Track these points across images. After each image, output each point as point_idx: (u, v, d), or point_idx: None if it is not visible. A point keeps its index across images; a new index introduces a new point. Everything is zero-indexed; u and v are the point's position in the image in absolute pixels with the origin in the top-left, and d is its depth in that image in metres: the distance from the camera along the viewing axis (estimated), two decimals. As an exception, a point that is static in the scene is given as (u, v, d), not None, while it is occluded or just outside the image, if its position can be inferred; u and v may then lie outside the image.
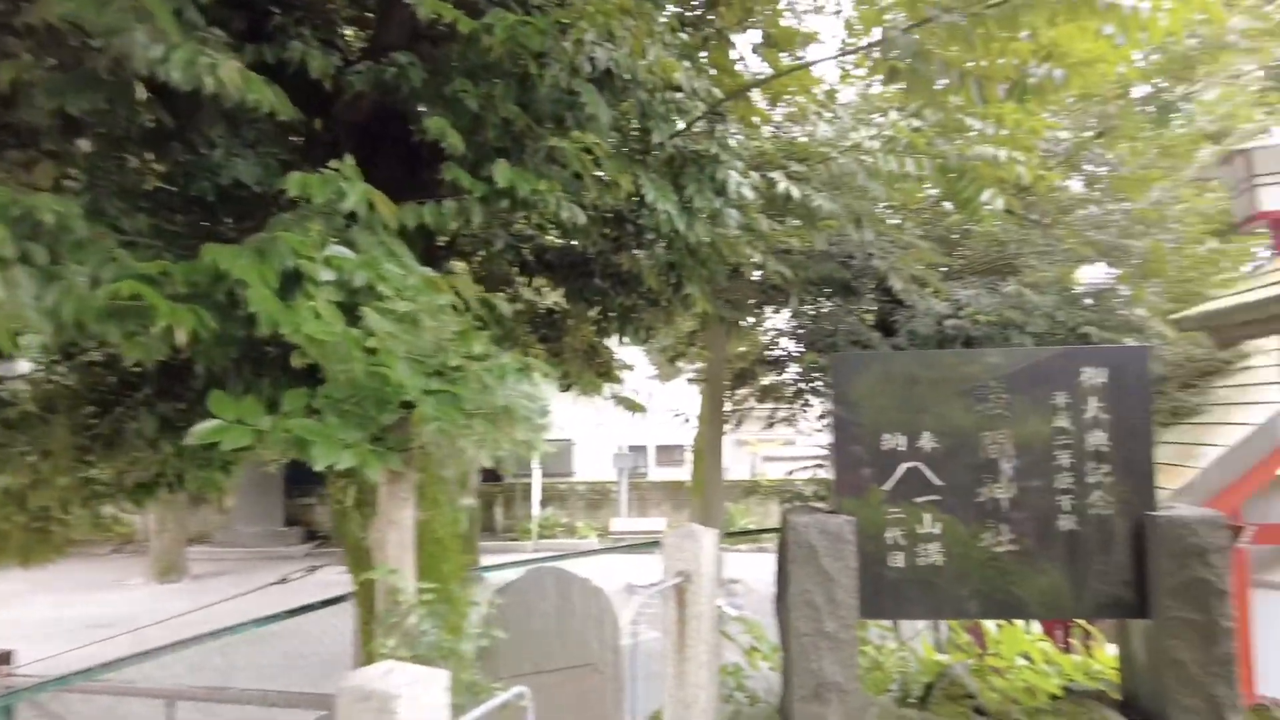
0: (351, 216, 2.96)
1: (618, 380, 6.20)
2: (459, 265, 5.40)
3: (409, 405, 2.46)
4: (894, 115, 4.59)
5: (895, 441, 3.66)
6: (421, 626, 2.68)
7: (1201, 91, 7.23)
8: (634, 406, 4.78)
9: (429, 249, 3.82)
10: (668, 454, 28.77)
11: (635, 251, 4.53)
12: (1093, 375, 3.63)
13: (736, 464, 30.99)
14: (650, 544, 7.77)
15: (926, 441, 3.65)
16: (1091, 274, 7.06)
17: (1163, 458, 5.61)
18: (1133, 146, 6.04)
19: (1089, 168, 6.24)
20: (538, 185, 3.18)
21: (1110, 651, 4.13)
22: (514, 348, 5.24)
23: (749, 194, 3.91)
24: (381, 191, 2.86)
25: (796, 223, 4.81)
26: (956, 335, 6.41)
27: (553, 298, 5.39)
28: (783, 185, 3.97)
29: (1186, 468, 5.85)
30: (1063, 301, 6.51)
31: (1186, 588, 3.38)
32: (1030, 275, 6.59)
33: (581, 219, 3.33)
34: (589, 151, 3.27)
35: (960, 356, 3.67)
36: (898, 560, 3.60)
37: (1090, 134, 6.19)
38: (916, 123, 4.46)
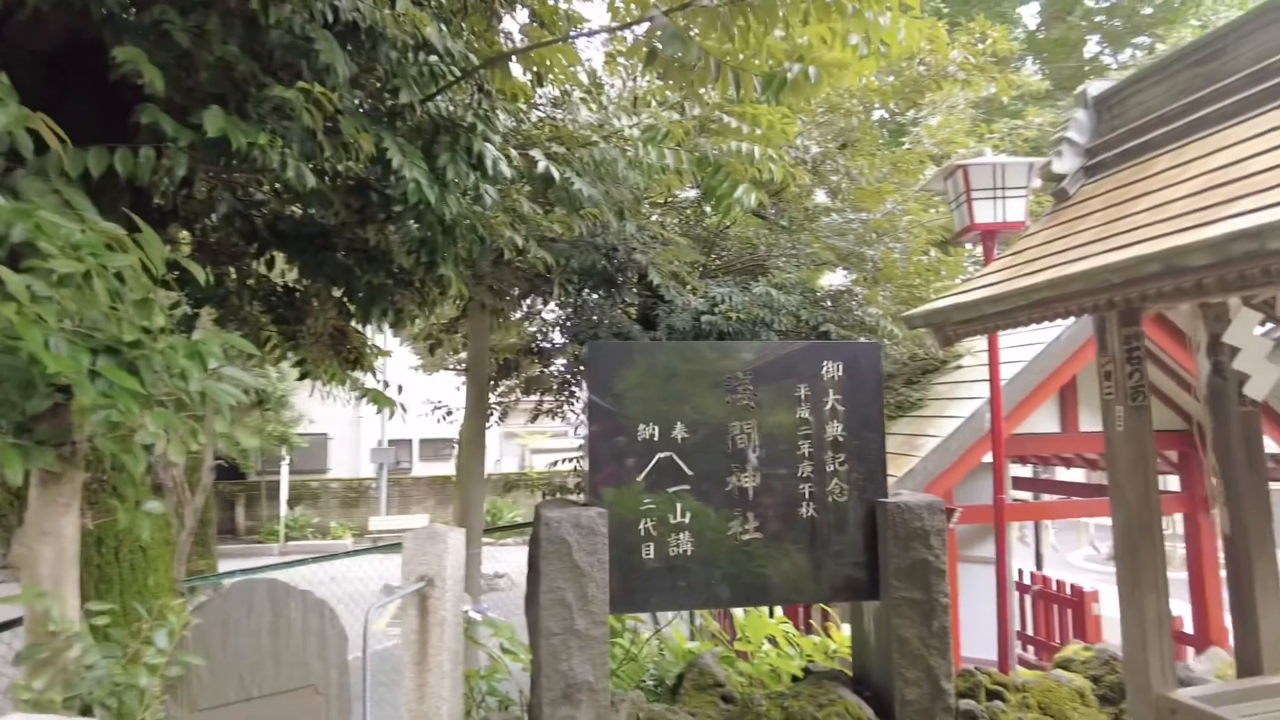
0: (14, 157, 2.40)
1: (370, 369, 5.71)
2: (183, 234, 4.70)
3: (68, 390, 1.99)
4: (656, 107, 4.57)
5: (650, 432, 3.61)
6: (86, 660, 2.19)
7: (926, 117, 7.98)
8: (382, 401, 4.37)
9: (141, 209, 3.22)
10: (434, 448, 27.80)
11: (384, 225, 4.14)
12: (831, 369, 3.80)
13: (507, 457, 30.62)
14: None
15: (679, 432, 3.64)
16: (831, 278, 7.57)
17: (890, 448, 6.12)
18: (871, 161, 6.53)
19: (834, 179, 6.67)
20: (257, 138, 2.75)
21: (845, 631, 4.37)
22: (242, 329, 4.63)
23: (507, 171, 3.69)
24: (71, 137, 2.33)
25: (561, 210, 4.66)
26: (711, 330, 6.58)
27: (292, 274, 4.83)
28: (543, 165, 3.78)
29: (909, 456, 6.42)
30: (806, 301, 6.90)
31: (911, 568, 3.62)
32: (778, 276, 6.93)
33: (310, 181, 2.94)
34: (319, 106, 2.88)
35: (713, 349, 3.69)
36: (649, 551, 3.55)
37: (835, 146, 6.62)
38: (677, 116, 4.47)
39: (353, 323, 5.01)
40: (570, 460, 8.43)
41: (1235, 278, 2.05)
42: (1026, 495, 9.24)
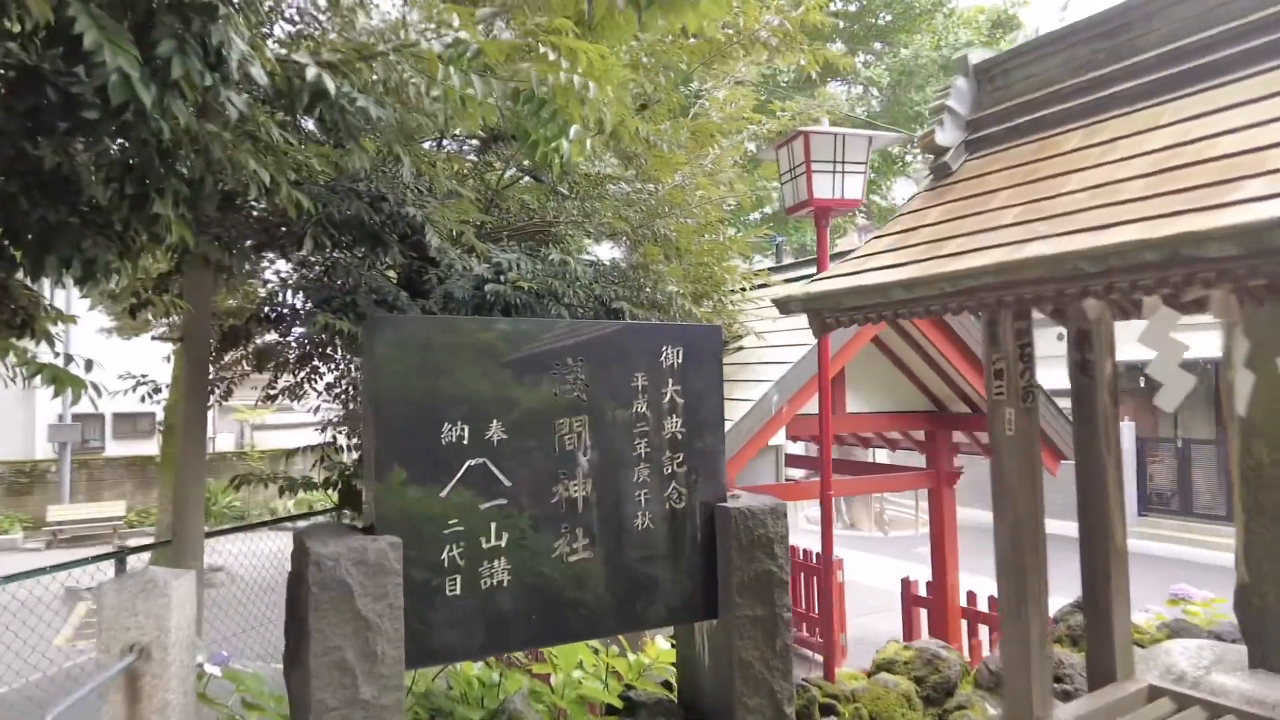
0: None
1: (47, 338, 4.26)
2: None
3: None
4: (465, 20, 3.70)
5: (457, 433, 2.83)
6: None
7: (713, 89, 7.69)
8: (66, 382, 3.16)
9: None
10: (131, 424, 23.84)
11: (67, 139, 2.94)
12: (671, 355, 3.25)
13: (222, 433, 27.15)
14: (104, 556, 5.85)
15: (495, 432, 2.89)
16: (621, 251, 7.07)
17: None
18: (674, 127, 6.06)
19: (631, 144, 6.12)
20: None
21: (661, 644, 3.89)
22: None
23: (260, 76, 2.69)
24: None
25: (327, 139, 3.66)
26: (496, 301, 5.80)
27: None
28: (313, 72, 2.81)
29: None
30: (598, 275, 6.34)
31: (755, 581, 3.18)
32: (569, 244, 6.29)
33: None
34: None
35: (539, 326, 2.98)
36: (455, 586, 2.78)
37: (634, 107, 6.07)
38: (483, 35, 3.63)
39: (20, 275, 3.64)
40: (315, 448, 7.24)
41: (1213, 274, 1.73)
42: (799, 474, 9.48)
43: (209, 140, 2.91)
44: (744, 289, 7.01)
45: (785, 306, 2.76)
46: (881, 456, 17.43)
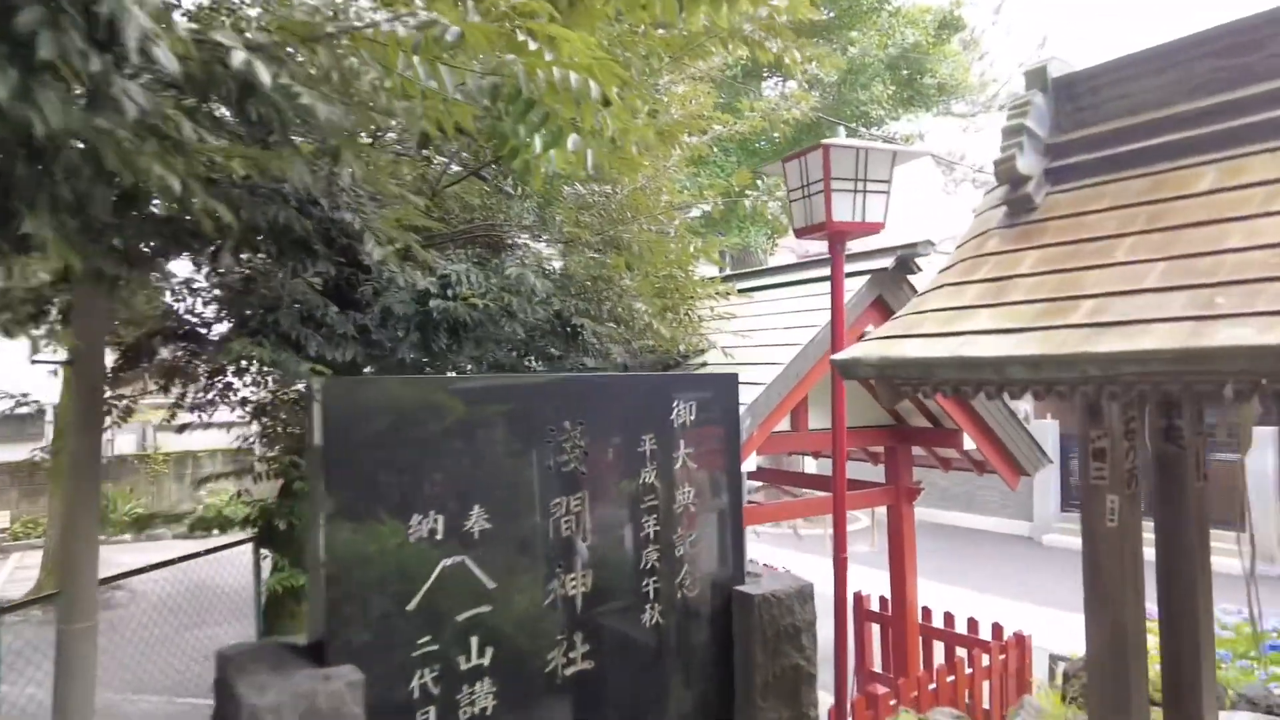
0: None
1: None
2: None
3: None
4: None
5: (429, 524, 2.23)
6: None
7: (671, 83, 7.16)
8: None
9: None
10: (15, 427, 21.83)
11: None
12: (683, 411, 2.72)
13: (123, 434, 25.25)
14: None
15: (477, 520, 2.30)
16: (578, 259, 6.48)
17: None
18: (648, 122, 5.49)
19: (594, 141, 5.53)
20: None
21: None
22: None
23: (168, 60, 2.03)
24: None
25: (248, 139, 2.97)
26: (443, 320, 5.17)
27: None
28: (240, 58, 2.15)
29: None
30: (556, 288, 5.76)
31: (780, 680, 2.68)
32: (523, 253, 5.68)
33: None
34: None
35: (529, 386, 2.41)
36: (429, 720, 2.19)
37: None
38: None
39: None
40: (228, 475, 6.45)
41: None
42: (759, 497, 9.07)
43: (99, 141, 2.22)
44: (714, 299, 6.51)
45: (851, 371, 2.26)
46: (809, 466, 17.30)
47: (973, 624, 7.73)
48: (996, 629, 7.53)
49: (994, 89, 16.83)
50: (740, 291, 7.46)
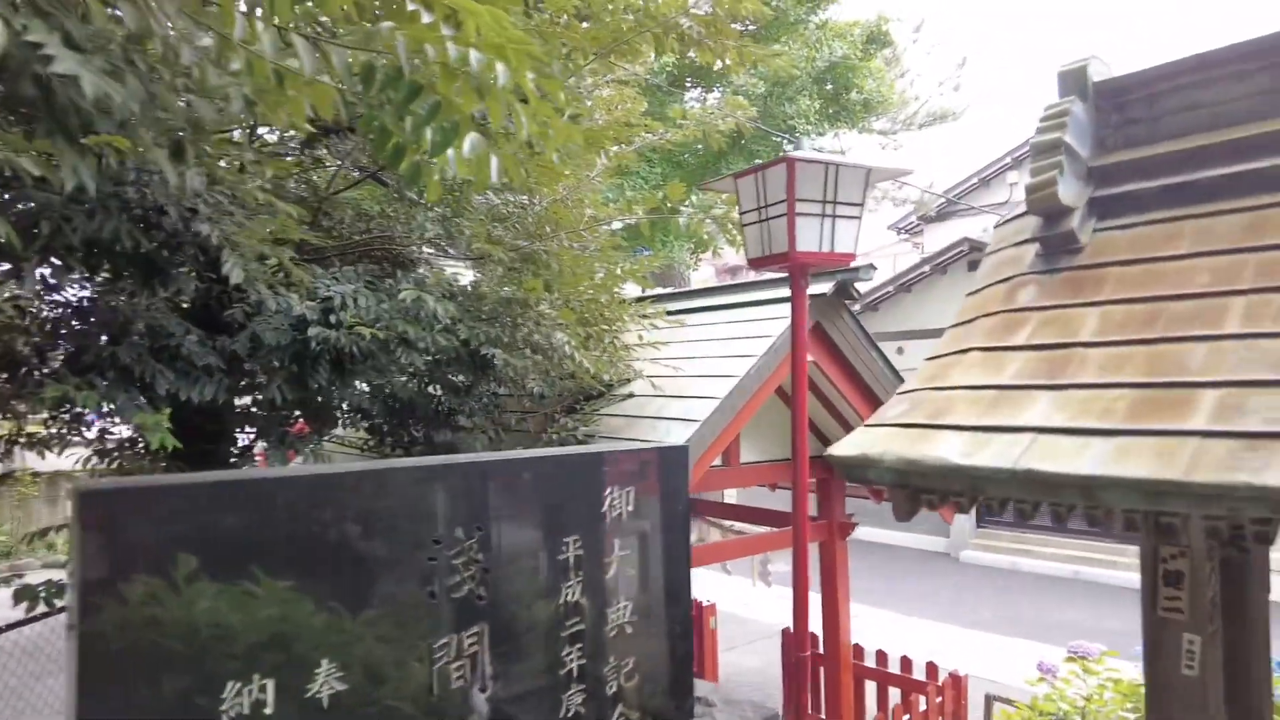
0: None
1: None
2: None
3: None
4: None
5: (251, 696, 1.52)
6: None
7: (595, 87, 6.53)
8: None
9: None
10: None
11: None
12: (619, 500, 2.07)
13: (-19, 452, 22.93)
14: None
15: (324, 682, 1.60)
16: (484, 277, 5.78)
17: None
18: (566, 127, 4.83)
19: (507, 145, 4.84)
20: None
21: None
22: None
23: None
24: None
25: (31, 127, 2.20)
26: (323, 350, 4.40)
27: None
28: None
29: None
30: (463, 311, 5.04)
31: None
32: (425, 270, 4.94)
33: None
34: None
35: (400, 477, 1.70)
36: None
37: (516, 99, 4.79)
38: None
39: None
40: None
41: None
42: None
43: None
44: (642, 325, 5.90)
45: (860, 474, 1.66)
46: (728, 495, 16.86)
47: (906, 663, 7.33)
48: (931, 669, 7.15)
49: (914, 106, 16.85)
50: (669, 314, 6.87)
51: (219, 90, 2.00)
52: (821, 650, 7.88)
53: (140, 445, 5.20)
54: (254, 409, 5.06)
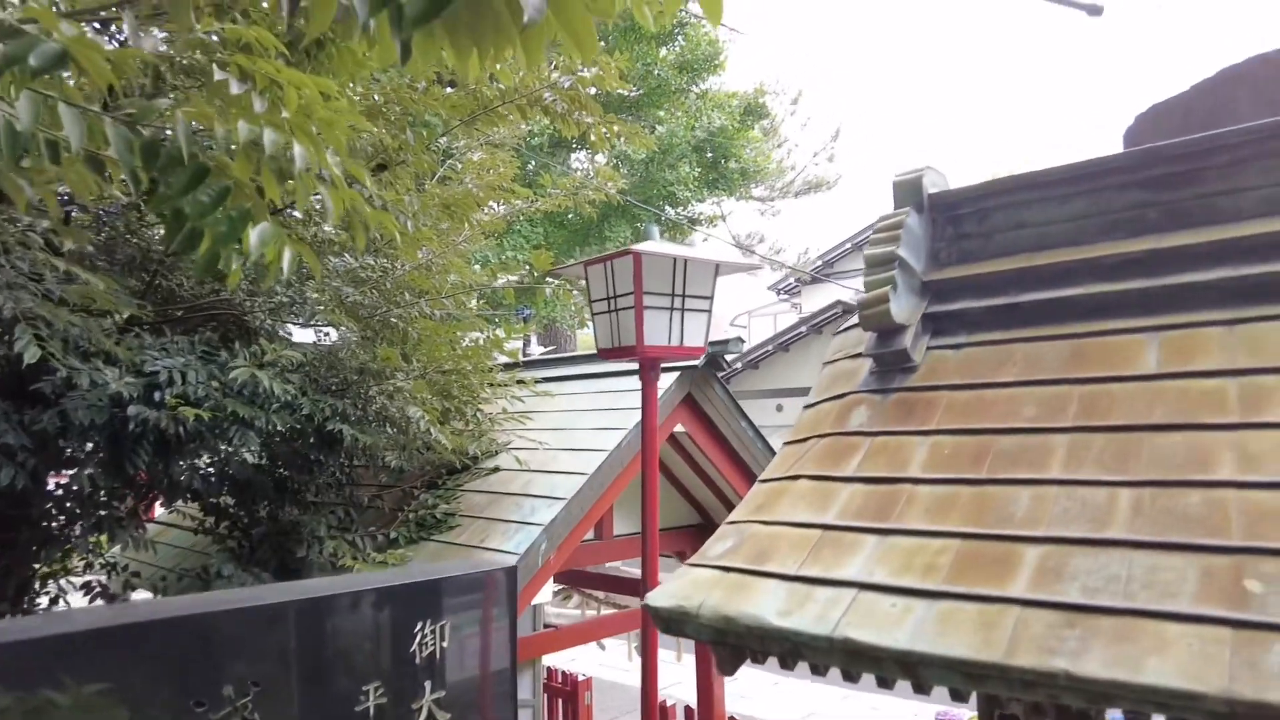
0: None
1: None
2: None
3: None
4: None
5: None
6: None
7: (466, 150, 6.40)
8: None
9: None
10: None
11: None
12: (432, 636, 1.85)
13: None
14: None
15: None
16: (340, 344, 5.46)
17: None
18: (422, 194, 4.64)
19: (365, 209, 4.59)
20: None
21: None
22: None
23: None
24: None
25: None
26: (145, 432, 4.00)
27: None
28: None
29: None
30: (309, 383, 4.72)
31: None
32: (264, 343, 4.58)
33: None
34: None
35: (151, 629, 1.43)
36: None
37: (368, 164, 4.57)
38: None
39: None
40: None
41: None
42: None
43: None
44: (509, 396, 5.68)
45: (677, 628, 1.50)
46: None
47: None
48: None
49: (791, 175, 17.51)
50: (541, 381, 6.67)
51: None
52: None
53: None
54: (74, 487, 4.55)
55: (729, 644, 1.41)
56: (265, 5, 2.84)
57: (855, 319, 1.90)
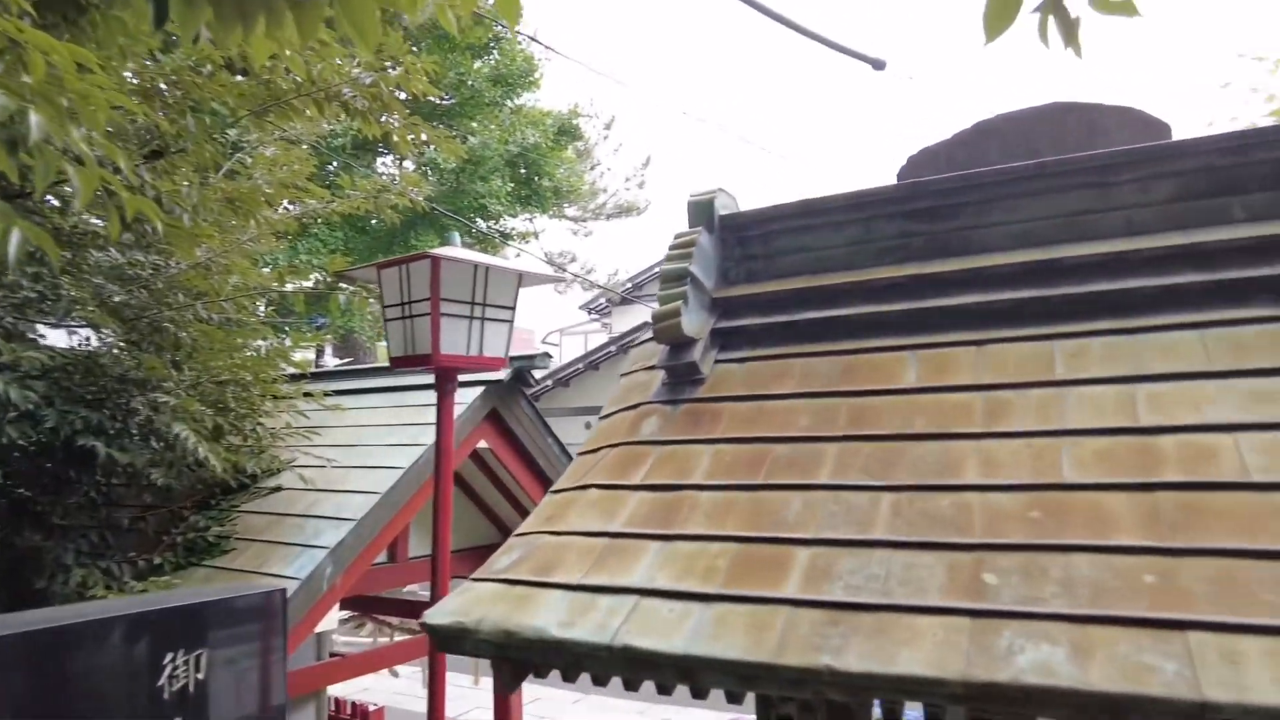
0: None
1: None
2: None
3: None
4: None
5: None
6: None
7: (259, 144, 5.97)
8: None
9: None
10: None
11: None
12: (184, 668, 1.66)
13: None
14: None
15: None
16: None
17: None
18: (202, 188, 4.24)
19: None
20: None
21: None
22: None
23: None
24: None
25: None
26: None
27: None
28: None
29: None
30: (58, 392, 4.19)
31: None
32: (1, 341, 4.03)
33: None
34: None
35: None
36: None
37: (138, 150, 4.12)
38: None
39: None
40: None
41: None
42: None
43: None
44: (295, 410, 5.30)
45: (456, 646, 1.41)
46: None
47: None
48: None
49: (604, 198, 17.82)
50: (333, 394, 6.28)
51: None
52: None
53: None
54: None
55: (510, 659, 1.36)
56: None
57: (650, 333, 1.93)
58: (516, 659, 1.35)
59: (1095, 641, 1.07)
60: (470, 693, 12.38)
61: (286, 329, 6.69)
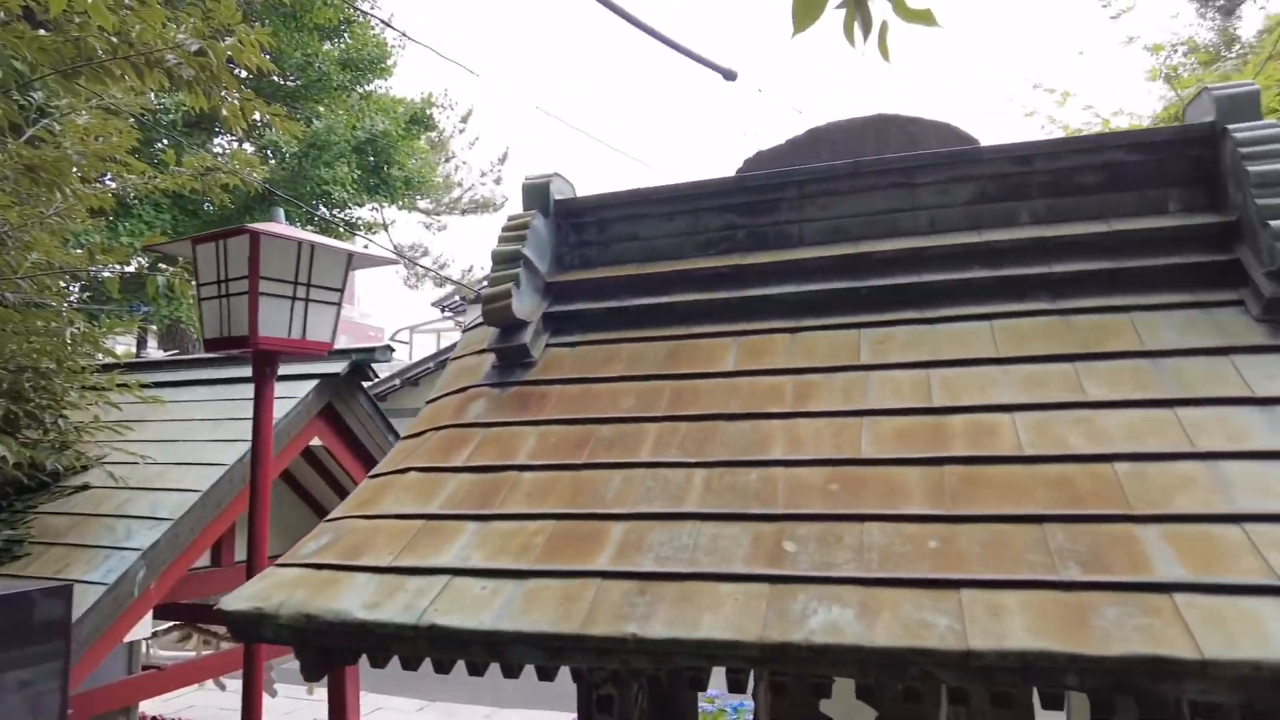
0: None
1: None
2: None
3: None
4: None
5: None
6: None
7: (71, 111, 5.46)
8: None
9: None
10: None
11: None
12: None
13: None
14: None
15: None
16: None
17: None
18: (3, 151, 3.81)
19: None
20: None
21: None
22: None
23: None
24: None
25: None
26: None
27: None
28: None
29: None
30: None
31: None
32: None
33: None
34: None
35: None
36: None
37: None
38: None
39: None
40: None
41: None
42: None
43: None
44: (105, 400, 4.87)
45: (254, 634, 1.33)
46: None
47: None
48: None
49: (459, 192, 17.43)
50: (151, 385, 5.80)
51: None
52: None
53: None
54: None
55: (312, 644, 1.29)
56: None
57: (480, 316, 1.91)
58: (319, 645, 1.29)
59: (882, 602, 1.16)
60: (305, 704, 11.75)
61: (103, 315, 6.14)
